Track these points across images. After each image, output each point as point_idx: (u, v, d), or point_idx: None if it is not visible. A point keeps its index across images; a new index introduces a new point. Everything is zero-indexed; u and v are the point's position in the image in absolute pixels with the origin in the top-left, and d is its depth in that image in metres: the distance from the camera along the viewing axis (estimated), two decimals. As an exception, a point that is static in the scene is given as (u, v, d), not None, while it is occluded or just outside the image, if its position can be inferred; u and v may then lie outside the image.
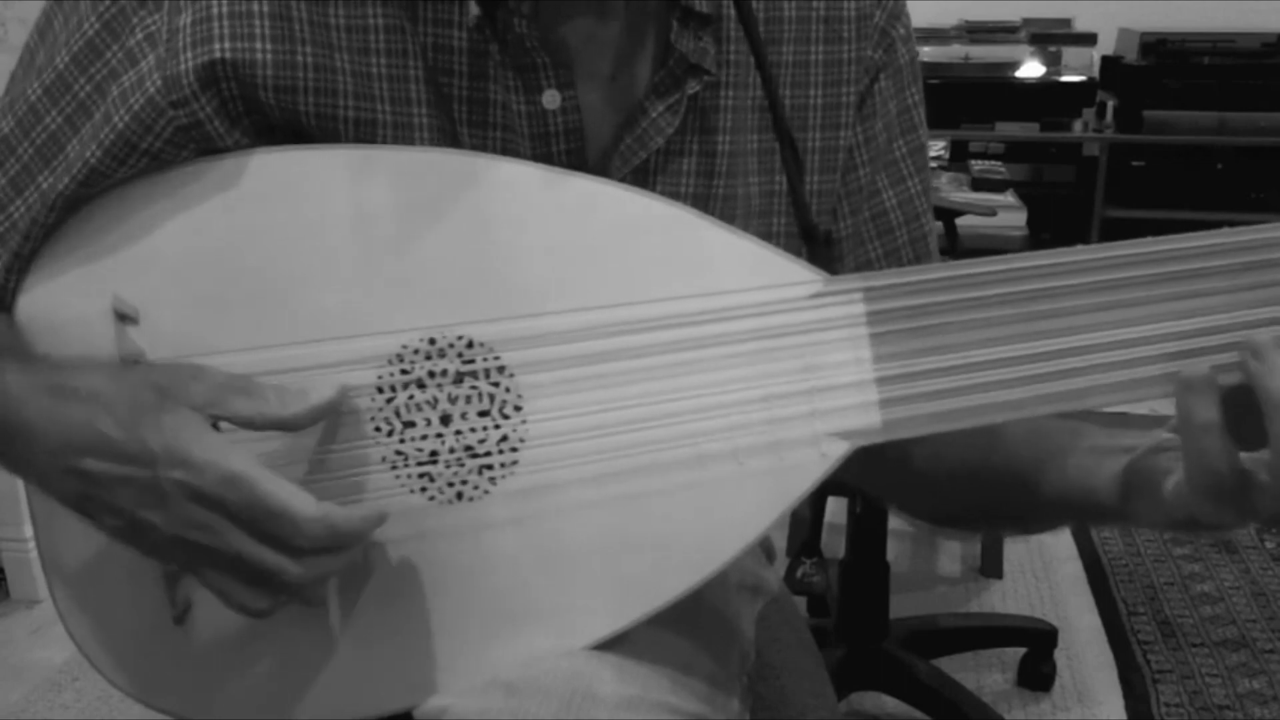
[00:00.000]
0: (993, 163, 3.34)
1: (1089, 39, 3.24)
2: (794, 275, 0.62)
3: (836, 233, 0.75)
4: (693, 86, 0.67)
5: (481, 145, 0.66)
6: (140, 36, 0.63)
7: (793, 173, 0.71)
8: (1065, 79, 3.18)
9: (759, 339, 0.61)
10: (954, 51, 3.18)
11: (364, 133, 0.65)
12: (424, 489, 0.63)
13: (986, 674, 1.81)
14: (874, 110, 0.74)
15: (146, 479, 0.57)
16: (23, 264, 0.65)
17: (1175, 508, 0.58)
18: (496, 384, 0.62)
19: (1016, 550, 2.16)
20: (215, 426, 0.59)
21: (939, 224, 2.14)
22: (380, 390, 0.63)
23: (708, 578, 0.63)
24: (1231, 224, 0.60)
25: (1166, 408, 0.58)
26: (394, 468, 0.63)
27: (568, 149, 0.67)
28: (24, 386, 0.60)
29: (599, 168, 0.68)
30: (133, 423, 0.57)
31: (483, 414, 0.63)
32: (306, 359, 0.63)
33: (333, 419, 0.63)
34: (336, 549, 0.59)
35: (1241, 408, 0.56)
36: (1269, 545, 2.17)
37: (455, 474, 0.63)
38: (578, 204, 0.63)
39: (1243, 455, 0.56)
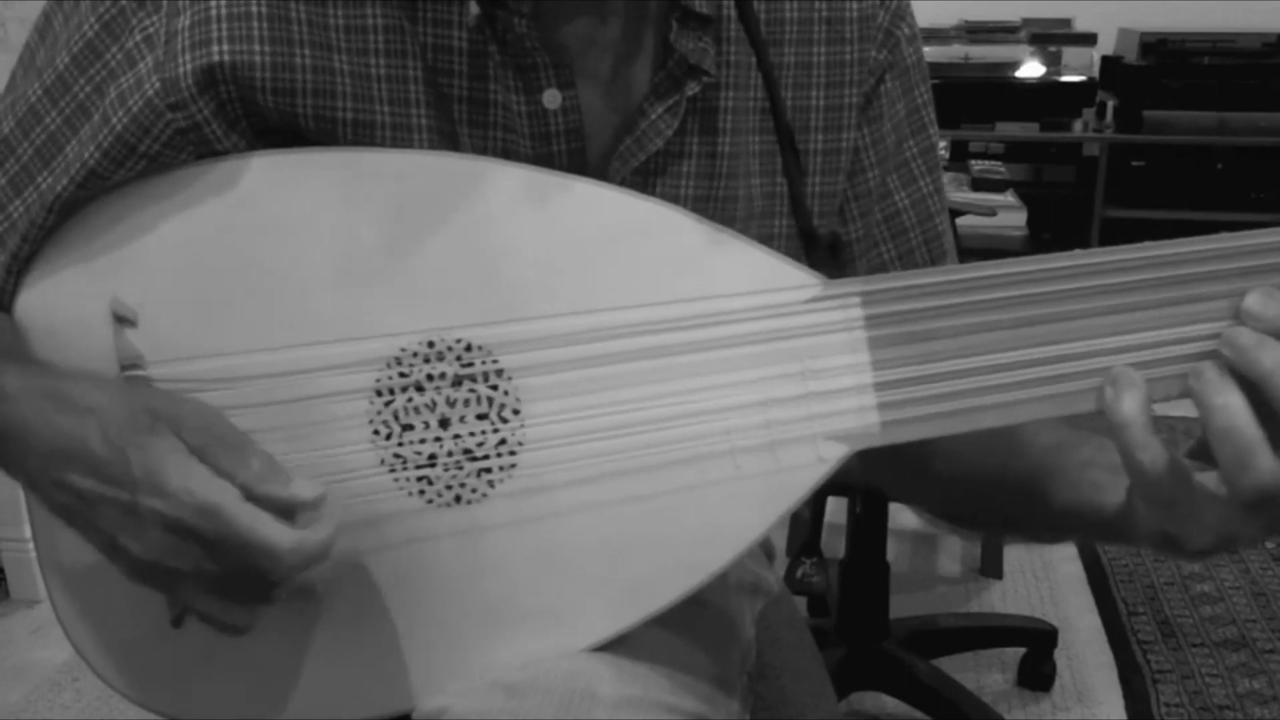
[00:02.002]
0: (993, 163, 3.33)
1: (1089, 39, 3.24)
2: (792, 279, 0.62)
3: (846, 235, 0.75)
4: (692, 88, 0.67)
5: (482, 146, 0.66)
6: (139, 38, 0.63)
7: (793, 175, 0.71)
8: (1065, 79, 3.18)
9: (757, 343, 0.61)
10: (954, 51, 3.18)
11: (362, 134, 0.64)
12: (422, 492, 0.63)
13: (986, 674, 1.81)
14: (880, 112, 0.74)
15: (126, 502, 0.56)
16: (21, 265, 0.65)
17: (1148, 523, 0.59)
18: (495, 387, 0.62)
19: (1016, 550, 2.16)
20: None
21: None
22: (379, 393, 0.63)
23: (706, 580, 0.63)
24: (1232, 224, 0.60)
25: (1164, 409, 0.58)
26: (392, 470, 0.63)
27: (569, 149, 0.67)
28: (23, 389, 0.60)
29: (599, 169, 0.68)
30: (121, 442, 0.57)
31: (481, 417, 0.63)
32: (304, 362, 0.63)
33: (331, 424, 0.63)
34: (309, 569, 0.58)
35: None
36: (1269, 545, 2.17)
37: (454, 477, 0.63)
38: (576, 207, 0.62)
39: (1201, 475, 0.56)
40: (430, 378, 0.62)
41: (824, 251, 0.73)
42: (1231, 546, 0.57)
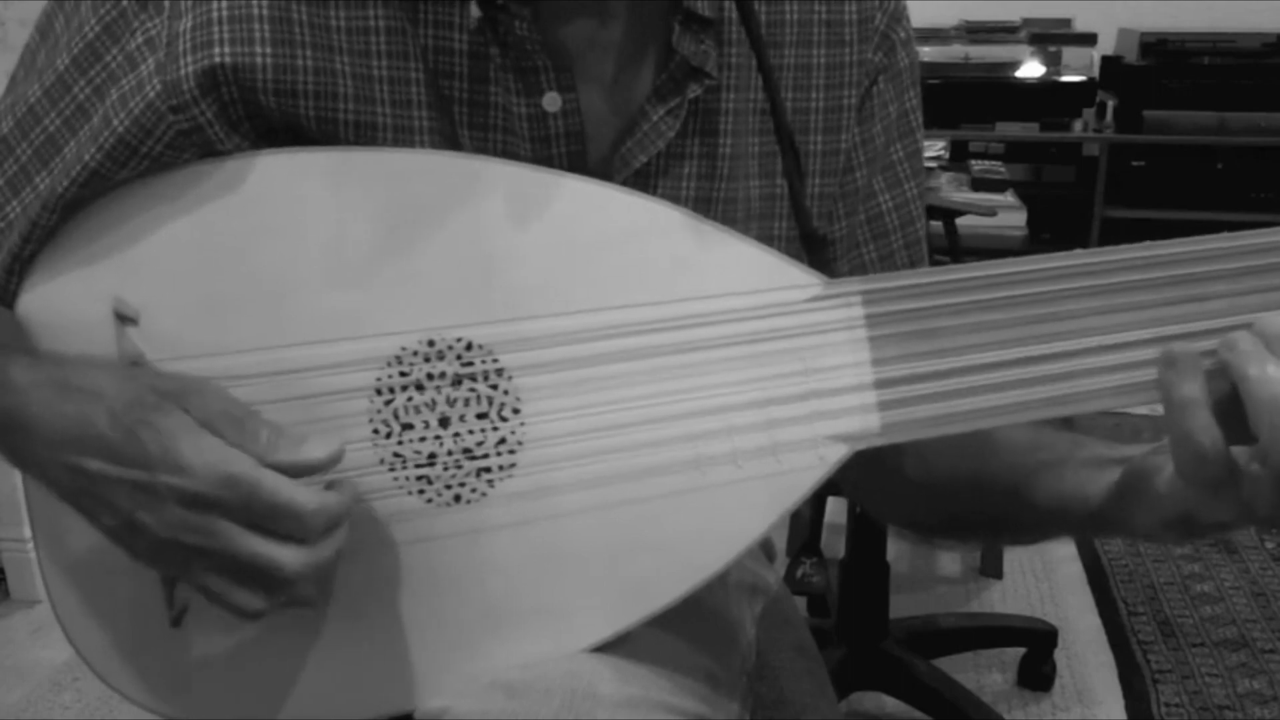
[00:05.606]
0: (993, 163, 3.34)
1: (1089, 39, 3.24)
2: (793, 278, 0.62)
3: (831, 234, 0.75)
4: (694, 90, 0.67)
5: (482, 148, 0.66)
6: (140, 40, 0.63)
7: (794, 177, 0.71)
8: (1065, 79, 3.18)
9: (757, 342, 0.61)
10: (954, 51, 3.18)
11: (364, 135, 0.64)
12: (422, 491, 0.63)
13: (986, 674, 1.81)
14: (872, 113, 0.74)
15: (144, 481, 0.57)
16: (23, 265, 0.65)
17: (1170, 503, 0.58)
18: (495, 386, 0.62)
19: (1016, 550, 2.16)
20: None
21: (938, 224, 2.15)
22: (379, 392, 0.63)
23: (706, 580, 0.63)
24: (1232, 224, 0.60)
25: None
26: (392, 469, 0.63)
27: (568, 151, 0.67)
28: (29, 379, 0.60)
29: (600, 171, 0.68)
30: (130, 422, 0.57)
31: (481, 416, 0.63)
32: (305, 360, 0.63)
33: (331, 423, 0.63)
34: (331, 535, 0.59)
35: (1229, 406, 0.56)
36: (1269, 545, 2.17)
37: (453, 476, 0.63)
38: (577, 206, 0.63)
39: (1233, 449, 0.55)
40: (430, 377, 0.62)
41: (823, 252, 0.73)
42: (1249, 520, 0.57)
